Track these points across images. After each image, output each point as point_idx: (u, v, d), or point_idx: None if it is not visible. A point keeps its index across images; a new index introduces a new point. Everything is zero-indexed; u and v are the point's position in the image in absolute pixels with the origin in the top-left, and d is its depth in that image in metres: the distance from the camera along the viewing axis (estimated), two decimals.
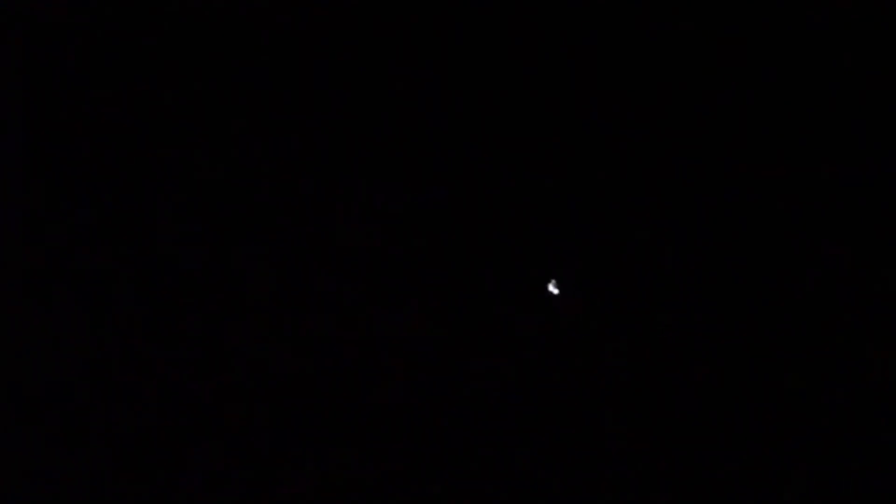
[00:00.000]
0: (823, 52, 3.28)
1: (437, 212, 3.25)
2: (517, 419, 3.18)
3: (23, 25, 3.24)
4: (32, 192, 3.23)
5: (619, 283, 3.19)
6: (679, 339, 3.18)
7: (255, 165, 3.27)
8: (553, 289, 3.02)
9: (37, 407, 3.18)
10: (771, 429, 3.17)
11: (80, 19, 3.26)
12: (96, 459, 3.17)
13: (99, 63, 3.27)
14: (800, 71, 3.28)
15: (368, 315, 3.23)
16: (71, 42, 3.26)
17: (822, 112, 3.27)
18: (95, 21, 3.27)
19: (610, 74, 3.28)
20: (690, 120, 3.27)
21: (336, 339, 3.22)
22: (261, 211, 3.26)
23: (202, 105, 3.28)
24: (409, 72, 3.29)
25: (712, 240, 3.23)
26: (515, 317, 3.18)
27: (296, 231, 3.26)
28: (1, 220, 3.20)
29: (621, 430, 3.17)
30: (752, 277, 3.22)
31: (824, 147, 3.26)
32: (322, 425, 3.19)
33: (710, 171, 3.26)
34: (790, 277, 3.22)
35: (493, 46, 3.30)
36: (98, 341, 3.20)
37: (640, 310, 3.19)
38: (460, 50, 3.30)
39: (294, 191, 3.26)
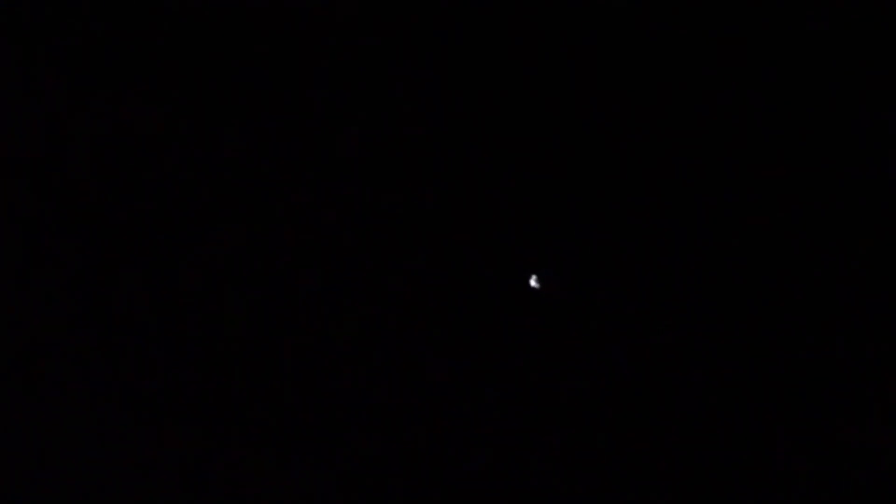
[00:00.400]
0: (823, 53, 3.25)
1: (424, 208, 3.25)
2: (502, 413, 3.17)
3: (22, 25, 3.29)
4: (32, 191, 3.28)
5: (599, 277, 3.18)
6: (662, 332, 3.17)
7: (252, 165, 3.29)
8: (534, 283, 3.01)
9: (36, 406, 3.21)
10: (754, 421, 3.14)
11: (79, 19, 3.31)
12: (95, 459, 3.20)
13: (99, 63, 3.31)
14: (800, 71, 3.25)
15: (360, 312, 3.24)
16: (70, 42, 3.31)
17: (822, 112, 3.24)
18: (95, 21, 3.32)
19: (586, 68, 3.27)
20: (668, 114, 3.26)
21: (329, 336, 3.23)
22: (257, 210, 3.28)
23: (202, 105, 3.31)
24: (395, 65, 3.31)
25: (694, 235, 3.21)
26: (497, 310, 3.17)
27: (293, 230, 3.28)
28: (1, 220, 3.25)
29: (605, 422, 3.15)
30: (736, 270, 3.20)
31: (822, 147, 3.24)
32: (318, 423, 3.21)
33: (692, 165, 3.24)
34: (768, 267, 3.20)
35: (489, 45, 3.30)
36: (97, 340, 3.24)
37: (621, 302, 3.18)
38: (452, 46, 3.31)
39: (291, 189, 3.28)
